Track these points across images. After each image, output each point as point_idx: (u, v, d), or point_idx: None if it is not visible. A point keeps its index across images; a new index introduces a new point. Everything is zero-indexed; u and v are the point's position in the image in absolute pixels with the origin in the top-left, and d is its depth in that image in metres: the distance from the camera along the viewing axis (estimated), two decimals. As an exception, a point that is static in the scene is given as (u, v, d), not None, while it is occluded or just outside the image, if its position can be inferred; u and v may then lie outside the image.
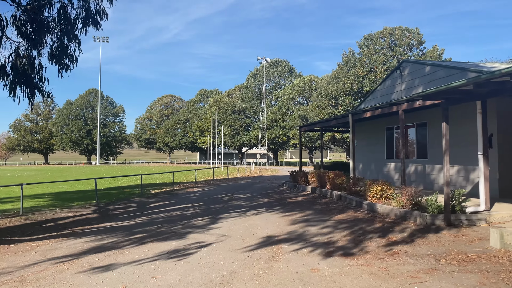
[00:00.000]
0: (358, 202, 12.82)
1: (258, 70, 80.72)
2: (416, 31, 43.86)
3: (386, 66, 41.20)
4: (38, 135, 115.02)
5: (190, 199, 17.33)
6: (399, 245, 7.78)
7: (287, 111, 71.99)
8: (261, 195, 18.27)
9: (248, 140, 77.52)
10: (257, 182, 27.27)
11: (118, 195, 19.82)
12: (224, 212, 12.82)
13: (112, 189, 23.97)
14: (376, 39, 44.72)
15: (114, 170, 59.25)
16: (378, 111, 14.31)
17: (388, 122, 18.12)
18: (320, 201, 14.65)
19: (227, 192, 20.18)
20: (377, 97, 19.58)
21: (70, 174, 44.23)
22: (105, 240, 8.89)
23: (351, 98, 42.16)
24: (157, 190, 22.31)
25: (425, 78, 15.80)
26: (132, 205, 15.60)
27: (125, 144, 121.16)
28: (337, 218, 11.03)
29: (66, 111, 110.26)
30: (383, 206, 11.40)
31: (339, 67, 47.35)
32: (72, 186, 26.39)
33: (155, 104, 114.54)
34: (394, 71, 18.08)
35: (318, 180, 17.46)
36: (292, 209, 12.95)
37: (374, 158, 19.51)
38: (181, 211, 13.48)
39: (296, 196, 16.76)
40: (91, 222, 11.69)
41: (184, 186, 24.92)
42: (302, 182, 19.54)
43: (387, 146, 18.41)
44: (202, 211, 13.33)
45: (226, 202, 15.60)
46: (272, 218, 11.43)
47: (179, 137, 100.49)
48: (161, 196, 18.79)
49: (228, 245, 8.11)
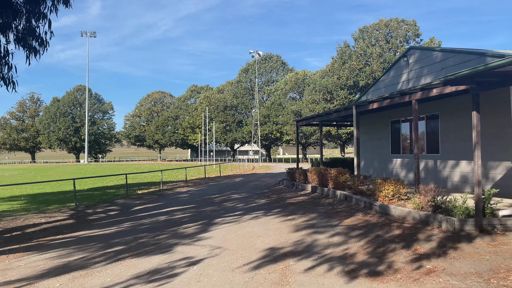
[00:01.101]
0: (367, 204, 11.44)
1: (249, 65, 79.03)
2: (413, 23, 42.63)
3: (382, 59, 39.95)
4: (25, 133, 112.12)
5: (180, 200, 15.82)
6: (431, 259, 6.39)
7: (279, 107, 70.55)
8: (257, 195, 16.82)
9: (241, 136, 75.92)
10: (251, 181, 25.82)
11: (101, 197, 18.24)
12: (217, 216, 11.34)
13: (96, 189, 22.35)
14: (371, 32, 43.43)
15: (101, 168, 57.36)
16: (386, 101, 12.92)
17: (393, 114, 16.77)
18: (323, 202, 13.24)
19: (220, 192, 18.70)
20: (381, 88, 18.21)
21: (55, 174, 42.33)
22: (74, 256, 7.37)
23: (346, 92, 40.85)
24: (144, 190, 20.76)
25: (436, 66, 14.44)
26: (114, 208, 14.05)
27: (114, 142, 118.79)
28: (346, 222, 9.62)
29: (53, 108, 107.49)
30: (398, 208, 10.02)
31: (333, 61, 46.01)
32: (54, 186, 24.69)
33: (144, 101, 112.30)
34: (400, 60, 16.71)
35: (319, 178, 16.06)
36: (294, 212, 11.52)
37: (378, 154, 18.16)
38: (169, 215, 11.98)
39: (296, 196, 15.34)
40: (64, 230, 10.14)
41: (174, 185, 23.37)
42: (301, 180, 18.13)
43: (393, 140, 17.07)
44: (193, 215, 11.84)
45: (219, 204, 14.12)
46: (272, 223, 9.99)
47: (169, 134, 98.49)
48: (148, 197, 17.25)
49: (223, 261, 6.65)
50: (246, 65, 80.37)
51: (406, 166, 15.95)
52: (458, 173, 13.26)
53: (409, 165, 15.78)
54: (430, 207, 9.26)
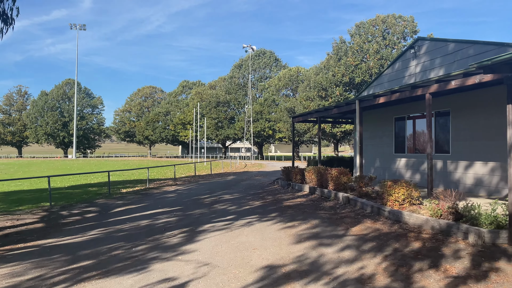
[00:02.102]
0: (375, 208, 10.22)
1: (243, 61, 77.57)
2: (411, 19, 41.59)
3: (379, 55, 38.84)
4: (11, 127, 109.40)
5: (166, 201, 14.47)
6: (470, 283, 5.17)
7: (273, 103, 69.26)
8: (250, 195, 15.53)
9: (233, 133, 74.46)
10: (243, 179, 24.52)
11: (81, 196, 16.81)
12: (206, 222, 10.03)
13: (78, 187, 20.88)
14: (368, 27, 42.30)
15: (89, 164, 55.61)
16: (395, 95, 11.69)
17: (398, 111, 15.59)
18: (324, 205, 12.00)
19: (210, 191, 17.37)
20: (384, 83, 17.01)
21: (38, 169, 40.59)
22: (29, 274, 6.02)
23: (342, 89, 39.70)
24: (129, 188, 19.35)
25: (448, 58, 13.27)
26: (92, 210, 12.66)
27: (104, 137, 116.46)
28: (355, 231, 8.39)
29: (41, 102, 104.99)
30: (413, 215, 8.81)
31: (329, 57, 44.82)
32: (33, 183, 23.15)
33: (135, 96, 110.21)
34: (406, 51, 15.50)
35: (317, 178, 14.82)
36: (293, 217, 10.25)
37: (380, 153, 16.98)
38: (152, 219, 10.63)
39: (293, 198, 14.07)
40: (28, 237, 8.75)
41: (161, 183, 21.98)
42: (297, 180, 16.88)
43: (397, 139, 15.89)
44: (179, 219, 10.51)
45: (209, 206, 12.80)
46: (269, 231, 8.71)
47: (159, 130, 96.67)
48: (132, 197, 15.86)
49: (211, 284, 5.35)
50: (239, 60, 78.94)
51: (412, 167, 14.78)
52: (471, 175, 12.10)
53: (415, 165, 14.61)
54: (450, 214, 8.06)
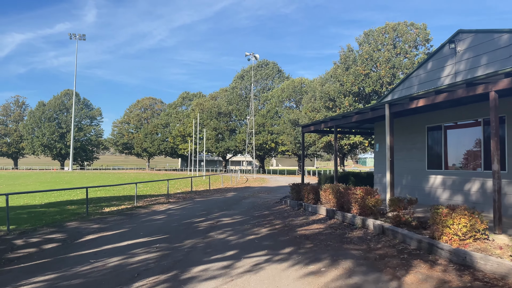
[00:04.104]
0: (425, 244, 7.59)
1: (245, 72, 75.38)
2: (423, 27, 39.38)
3: (390, 64, 36.49)
4: (7, 138, 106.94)
5: (151, 225, 11.81)
6: None
7: (275, 115, 66.83)
8: (255, 219, 12.86)
9: (233, 145, 71.78)
10: (245, 196, 21.84)
11: (53, 216, 14.17)
12: (198, 261, 7.39)
13: (56, 204, 18.24)
14: (377, 35, 40.08)
15: (83, 177, 52.93)
16: (442, 96, 9.14)
17: (432, 118, 13.05)
18: (351, 236, 9.35)
19: (207, 212, 14.72)
20: (414, 85, 14.49)
21: (24, 182, 37.95)
22: None
23: (351, 99, 37.24)
24: (113, 207, 16.70)
25: (500, 53, 10.76)
26: (56, 238, 10.01)
27: (102, 149, 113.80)
28: (410, 284, 5.74)
29: (38, 112, 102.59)
30: (490, 259, 6.18)
31: (336, 66, 42.51)
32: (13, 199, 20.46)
33: (134, 107, 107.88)
34: (442, 49, 13.02)
35: (336, 199, 12.20)
36: (315, 255, 7.60)
37: (408, 169, 14.35)
38: (125, 255, 7.99)
39: (308, 224, 11.41)
40: None
41: (152, 201, 19.32)
42: (310, 200, 14.23)
43: (430, 152, 13.29)
44: (161, 256, 7.87)
45: (203, 234, 10.15)
46: (286, 281, 6.07)
47: (158, 142, 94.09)
48: (112, 219, 13.21)
49: None
50: (241, 71, 76.76)
51: (452, 186, 12.15)
52: (539, 199, 9.48)
53: (456, 184, 11.98)
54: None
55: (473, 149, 11.60)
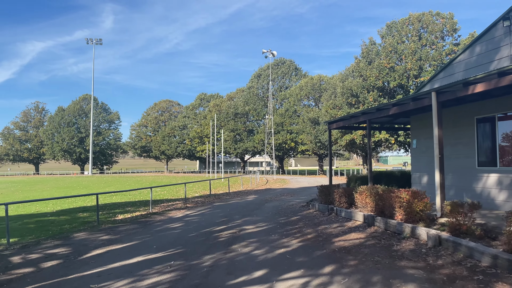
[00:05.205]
0: (504, 262, 6.04)
1: (262, 70, 73.96)
2: (450, 16, 37.18)
3: (417, 56, 34.52)
4: (28, 144, 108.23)
5: (166, 236, 10.51)
6: None
7: (294, 114, 65.16)
8: (282, 226, 11.43)
9: (252, 146, 70.36)
10: (267, 199, 20.41)
11: (62, 226, 13.04)
12: (220, 285, 6.02)
13: (67, 212, 17.21)
14: (401, 27, 38.10)
15: (101, 181, 52.43)
16: (508, 78, 7.54)
17: (482, 109, 11.38)
18: (401, 248, 7.83)
19: (227, 219, 13.36)
20: (457, 72, 12.81)
21: (43, 188, 37.42)
22: None
23: (376, 94, 35.39)
24: (127, 214, 15.53)
25: None
26: (59, 254, 8.80)
27: (121, 153, 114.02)
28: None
29: (58, 118, 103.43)
30: None
31: (357, 61, 40.67)
32: (24, 207, 19.60)
33: (151, 110, 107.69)
34: (494, 27, 11.33)
35: (375, 203, 10.66)
36: (364, 277, 6.13)
37: (453, 167, 12.67)
38: (134, 276, 6.68)
39: (344, 232, 9.92)
40: None
41: (168, 206, 18.10)
42: (342, 204, 12.71)
43: (481, 147, 11.62)
44: (175, 278, 6.52)
45: (225, 248, 8.77)
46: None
47: (175, 144, 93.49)
48: (125, 229, 11.98)
49: None
50: (258, 70, 75.39)
51: (510, 186, 10.46)
52: None
53: (516, 184, 10.30)
54: None
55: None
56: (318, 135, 53.47)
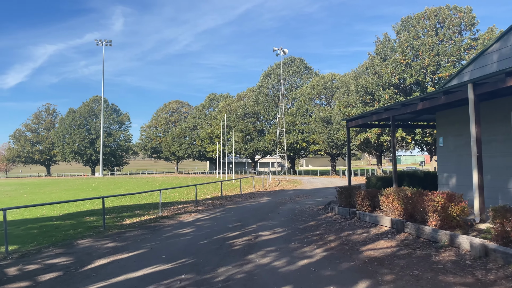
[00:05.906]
0: None
1: (272, 70, 73.02)
2: (468, 10, 35.86)
3: (434, 51, 33.30)
4: (39, 145, 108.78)
5: (176, 244, 9.69)
6: None
7: (305, 113, 64.12)
8: (301, 232, 10.53)
9: (262, 146, 69.45)
10: (282, 202, 19.53)
11: (67, 231, 12.33)
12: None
13: (74, 216, 16.53)
14: (416, 22, 36.89)
15: (111, 182, 52.04)
16: None
17: (521, 102, 10.35)
18: (441, 260, 6.89)
19: (241, 223, 12.51)
20: (490, 64, 11.78)
21: (51, 189, 37.02)
22: None
23: (392, 92, 34.25)
24: (136, 218, 14.77)
25: None
26: (59, 265, 8.04)
27: (131, 154, 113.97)
28: None
29: (68, 119, 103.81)
30: None
31: (371, 57, 39.58)
32: (30, 212, 19.02)
33: (161, 111, 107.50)
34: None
35: (404, 207, 9.71)
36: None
37: (486, 167, 11.63)
38: (139, 294, 5.86)
39: (371, 240, 8.99)
40: None
41: (179, 209, 17.32)
42: (365, 208, 11.77)
43: (519, 144, 10.59)
44: (186, 296, 5.69)
45: (240, 258, 7.91)
46: None
47: (186, 145, 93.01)
48: (131, 235, 11.20)
49: None
50: (268, 69, 74.48)
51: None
52: None
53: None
54: None
55: None
56: (331, 135, 52.37)
